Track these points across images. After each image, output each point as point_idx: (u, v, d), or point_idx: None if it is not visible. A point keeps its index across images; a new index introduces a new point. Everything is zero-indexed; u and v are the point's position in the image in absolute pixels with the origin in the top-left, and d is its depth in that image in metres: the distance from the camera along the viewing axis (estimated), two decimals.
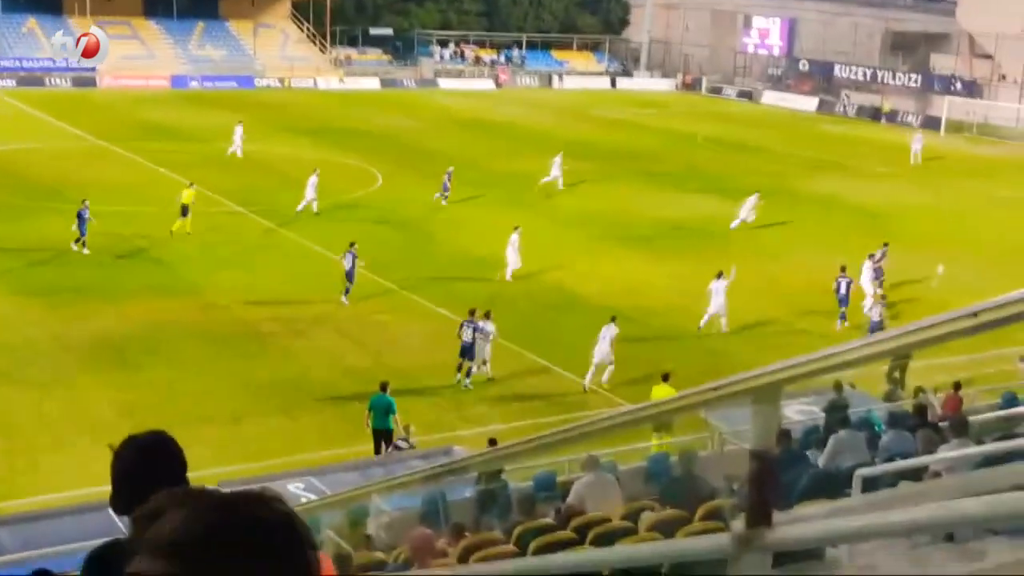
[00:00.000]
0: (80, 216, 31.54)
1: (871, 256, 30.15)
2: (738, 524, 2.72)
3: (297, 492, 15.20)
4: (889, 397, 21.06)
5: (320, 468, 17.64)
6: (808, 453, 12.99)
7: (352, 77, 79.42)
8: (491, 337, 23.86)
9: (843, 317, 28.29)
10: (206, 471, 15.49)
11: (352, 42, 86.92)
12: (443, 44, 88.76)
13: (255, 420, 21.22)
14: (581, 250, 33.93)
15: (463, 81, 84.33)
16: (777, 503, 2.86)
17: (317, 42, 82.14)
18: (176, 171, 41.74)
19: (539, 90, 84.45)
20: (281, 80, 76.59)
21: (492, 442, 16.31)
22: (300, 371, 23.84)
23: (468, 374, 23.66)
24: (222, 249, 33.15)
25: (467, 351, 23.56)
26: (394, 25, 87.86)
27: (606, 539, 9.81)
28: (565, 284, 30.62)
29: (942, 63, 79.62)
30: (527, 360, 24.85)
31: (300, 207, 37.26)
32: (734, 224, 37.78)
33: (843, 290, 28.35)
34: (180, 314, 27.00)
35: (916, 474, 9.04)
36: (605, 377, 23.86)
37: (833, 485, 10.15)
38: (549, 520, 11.69)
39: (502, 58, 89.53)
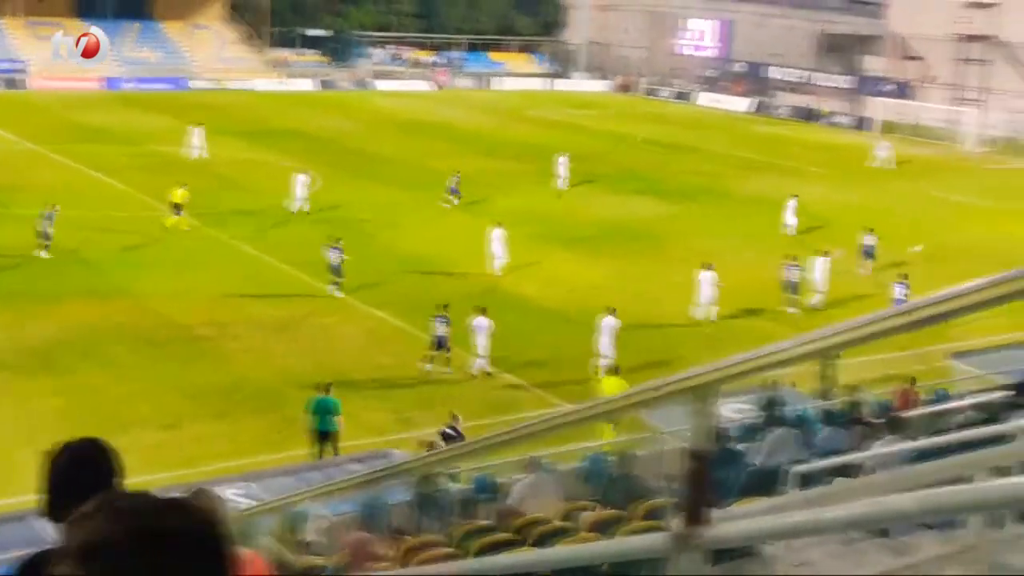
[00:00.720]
0: (48, 219, 31.28)
1: (826, 253, 30.83)
2: (676, 523, 2.73)
3: (234, 497, 15.03)
4: (824, 395, 21.30)
5: (257, 473, 17.46)
6: (744, 451, 13.12)
7: (289, 78, 78.88)
8: (487, 332, 24.00)
9: (793, 304, 29.42)
10: (141, 477, 15.27)
11: (289, 43, 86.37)
12: (380, 46, 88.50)
13: (191, 425, 20.96)
14: (520, 251, 33.92)
15: (401, 83, 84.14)
16: (714, 501, 2.88)
17: (253, 43, 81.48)
18: (110, 175, 41.16)
19: (477, 91, 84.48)
20: (217, 82, 75.83)
21: (431, 445, 16.28)
22: (237, 375, 23.58)
23: (432, 362, 24.14)
24: (157, 253, 32.75)
25: (441, 343, 24.06)
26: (331, 27, 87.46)
27: (546, 539, 9.83)
28: (505, 285, 30.64)
29: (874, 65, 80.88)
30: (465, 362, 24.79)
31: (294, 208, 37.85)
32: (786, 229, 38.11)
33: (792, 278, 29.55)
34: (114, 318, 26.60)
35: (850, 471, 9.16)
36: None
37: (769, 482, 10.26)
38: (489, 522, 11.69)
39: (440, 60, 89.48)
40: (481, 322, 24.12)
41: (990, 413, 12.59)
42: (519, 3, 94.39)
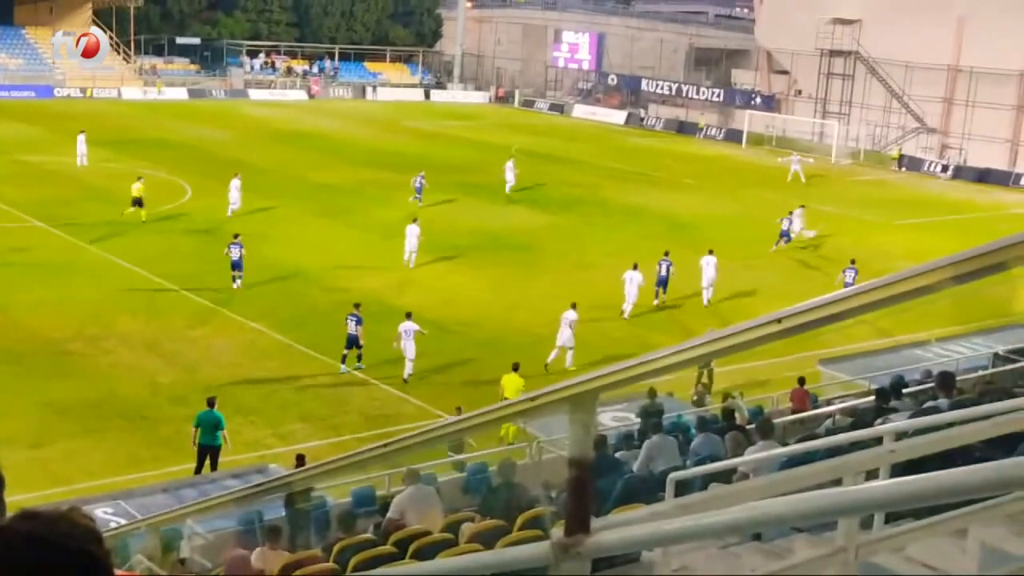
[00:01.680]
0: None
1: (711, 251, 32.25)
2: (557, 532, 2.74)
3: (105, 516, 14.63)
4: (699, 402, 21.70)
5: (129, 491, 17.04)
6: (622, 458, 13.27)
7: (156, 87, 77.20)
8: (413, 335, 24.14)
9: (658, 295, 31.39)
10: (7, 498, 14.75)
11: (158, 51, 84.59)
12: (253, 54, 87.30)
13: (59, 442, 20.30)
14: (397, 261, 33.82)
15: (274, 92, 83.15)
16: (595, 509, 2.90)
17: (121, 51, 79.53)
18: None
19: (353, 101, 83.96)
20: (83, 90, 73.81)
21: (300, 459, 16.08)
22: (107, 390, 22.93)
23: (359, 359, 24.75)
24: (22, 266, 31.69)
25: (353, 341, 24.50)
26: (202, 34, 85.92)
27: (427, 552, 9.78)
28: (382, 296, 30.43)
29: (743, 78, 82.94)
30: (344, 374, 24.59)
31: (230, 212, 38.25)
32: (806, 234, 39.51)
33: (663, 272, 31.19)
34: None
35: (725, 476, 9.33)
36: (569, 360, 25.19)
37: (648, 489, 10.39)
38: (369, 535, 11.59)
39: (314, 69, 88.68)
40: (408, 327, 24.23)
41: (857, 417, 12.98)
42: (394, 14, 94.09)
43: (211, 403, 19.39)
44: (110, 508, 15.44)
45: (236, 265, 30.25)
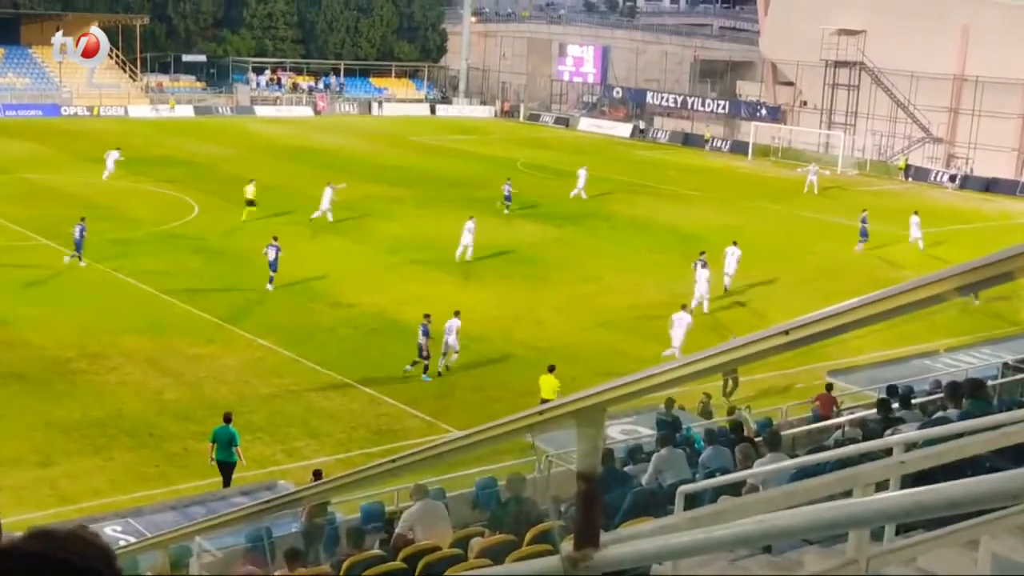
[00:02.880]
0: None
1: (734, 242, 33.85)
2: (567, 546, 2.73)
3: (114, 535, 14.63)
4: (705, 414, 21.60)
5: (137, 509, 17.03)
6: (631, 472, 13.24)
7: (166, 104, 77.51)
8: (456, 331, 25.65)
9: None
10: (13, 518, 14.77)
11: (164, 69, 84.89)
12: (259, 71, 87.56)
13: (66, 461, 20.28)
14: (402, 276, 33.85)
15: (280, 108, 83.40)
16: (604, 523, 2.88)
17: (127, 69, 79.87)
18: None
19: (358, 117, 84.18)
20: (90, 108, 74.13)
21: (317, 474, 16.06)
22: (113, 408, 22.92)
23: (412, 364, 25.45)
24: (28, 284, 31.75)
25: (421, 350, 25.27)
26: (208, 52, 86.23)
27: (436, 568, 9.76)
28: (386, 310, 30.46)
29: (748, 90, 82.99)
30: (351, 389, 24.57)
31: (315, 215, 40.33)
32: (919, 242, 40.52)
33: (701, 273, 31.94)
34: None
35: (735, 489, 9.31)
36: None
37: (657, 503, 10.37)
38: (378, 551, 11.57)
39: (320, 85, 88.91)
40: (452, 323, 25.64)
41: (866, 429, 12.94)
42: (399, 29, 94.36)
43: (227, 419, 19.42)
44: (119, 526, 15.43)
45: (272, 266, 31.41)
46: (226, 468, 19.06)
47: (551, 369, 22.31)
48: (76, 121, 70.54)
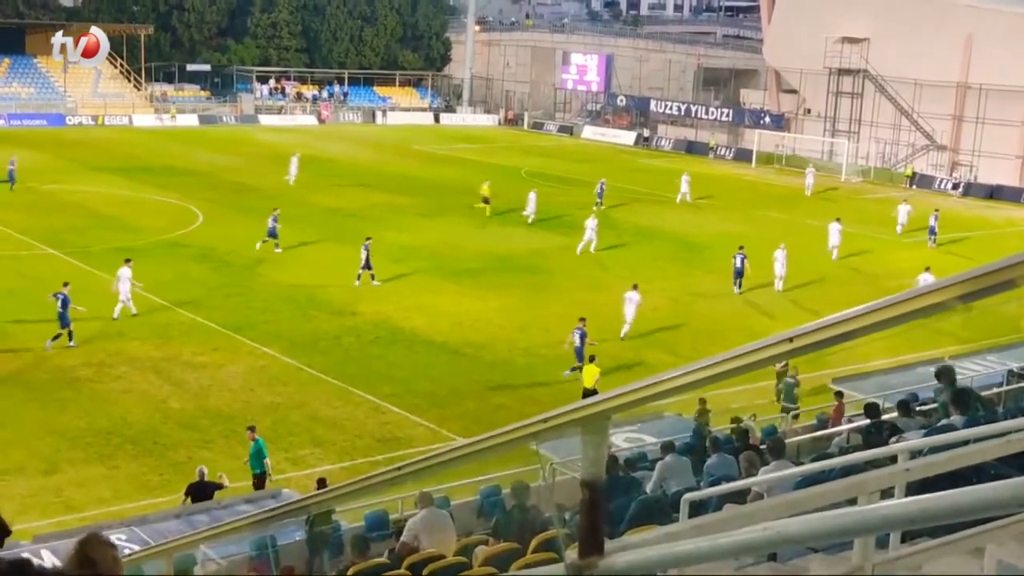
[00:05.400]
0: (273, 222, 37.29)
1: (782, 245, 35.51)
2: (571, 554, 2.73)
3: (119, 543, 14.60)
4: (703, 421, 21.54)
5: (142, 517, 17.02)
6: (637, 479, 13.21)
7: (170, 114, 77.65)
8: (636, 305, 29.15)
9: (738, 286, 34.86)
10: (18, 526, 14.75)
11: (168, 78, 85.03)
12: (263, 80, 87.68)
13: (71, 469, 20.30)
14: (407, 285, 33.86)
15: (284, 117, 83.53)
16: (608, 531, 2.89)
17: (132, 79, 80.00)
18: None
19: (363, 126, 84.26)
20: (94, 118, 74.25)
21: (321, 482, 16.06)
22: (117, 416, 22.93)
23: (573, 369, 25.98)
24: (33, 293, 31.74)
25: (578, 353, 25.93)
26: (212, 61, 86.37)
27: None
28: (390, 319, 30.47)
29: (751, 98, 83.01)
30: (355, 397, 24.57)
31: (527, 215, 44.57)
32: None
33: (739, 265, 34.77)
34: None
35: (740, 496, 9.28)
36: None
37: (662, 510, 10.34)
38: (383, 559, 11.56)
39: (324, 94, 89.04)
40: (633, 296, 29.27)
41: (869, 436, 12.91)
42: (403, 38, 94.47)
43: (252, 430, 19.51)
44: (123, 535, 15.41)
45: (367, 264, 33.45)
46: (257, 479, 19.16)
47: (592, 359, 24.22)
48: (81, 130, 70.65)
